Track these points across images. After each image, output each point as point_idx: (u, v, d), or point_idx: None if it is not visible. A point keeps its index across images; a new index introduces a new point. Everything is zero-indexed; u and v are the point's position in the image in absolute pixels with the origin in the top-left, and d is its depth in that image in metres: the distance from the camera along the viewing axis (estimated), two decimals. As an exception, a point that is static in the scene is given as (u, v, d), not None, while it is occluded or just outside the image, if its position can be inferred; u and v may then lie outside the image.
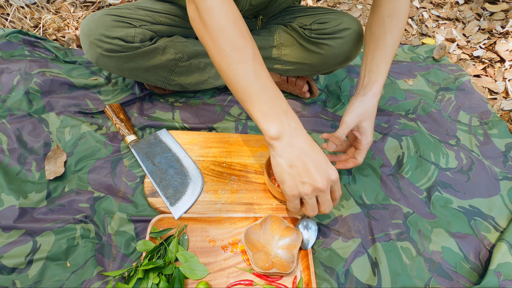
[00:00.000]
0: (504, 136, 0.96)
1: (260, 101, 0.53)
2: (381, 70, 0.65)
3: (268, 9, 0.82)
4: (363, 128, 0.64)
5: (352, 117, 0.63)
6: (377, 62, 0.65)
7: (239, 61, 0.52)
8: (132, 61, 0.79)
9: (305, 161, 0.53)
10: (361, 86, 0.66)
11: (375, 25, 0.68)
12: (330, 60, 0.83)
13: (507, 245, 0.71)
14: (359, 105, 0.63)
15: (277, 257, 0.67)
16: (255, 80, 0.52)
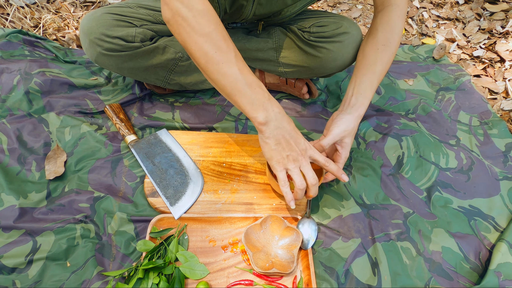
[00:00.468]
0: (504, 136, 0.96)
1: (247, 93, 0.59)
2: (368, 95, 0.69)
3: (271, 19, 0.82)
4: (345, 143, 0.69)
5: (338, 131, 0.67)
6: (365, 86, 0.69)
7: (223, 61, 0.57)
8: (132, 60, 0.79)
9: (287, 139, 0.62)
10: (348, 104, 0.69)
11: (369, 50, 0.72)
12: (328, 64, 0.83)
13: (507, 245, 0.71)
14: (345, 122, 0.68)
15: (277, 257, 0.67)
16: (240, 76, 0.58)
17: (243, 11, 0.76)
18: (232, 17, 0.80)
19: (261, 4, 0.74)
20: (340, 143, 0.69)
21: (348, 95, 0.71)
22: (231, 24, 0.87)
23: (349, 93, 0.71)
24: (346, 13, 1.46)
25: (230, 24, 0.87)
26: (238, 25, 0.87)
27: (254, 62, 0.93)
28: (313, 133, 0.92)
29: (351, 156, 0.88)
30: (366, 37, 0.74)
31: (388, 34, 0.70)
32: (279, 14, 0.80)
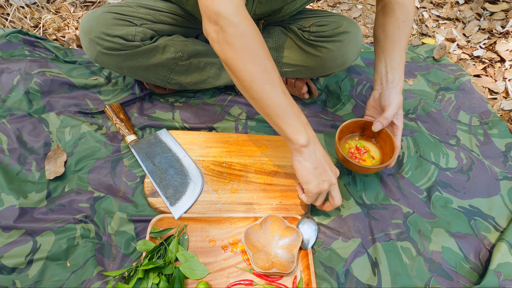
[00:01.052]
0: (504, 136, 0.96)
1: (289, 116, 0.61)
2: (402, 69, 0.74)
3: (272, 17, 0.82)
4: (399, 115, 0.74)
5: (396, 103, 0.72)
6: (397, 62, 0.73)
7: (268, 81, 0.58)
8: (132, 59, 0.79)
9: (323, 164, 0.65)
10: (386, 81, 0.74)
11: (391, 28, 0.74)
12: (328, 63, 0.83)
13: (507, 245, 0.71)
14: (394, 96, 0.72)
15: (277, 257, 0.67)
16: (284, 98, 0.60)
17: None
18: None
19: (261, 2, 0.74)
20: (396, 116, 0.74)
21: (381, 73, 0.74)
22: None
23: (382, 71, 0.74)
24: (346, 13, 1.46)
25: None
26: None
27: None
28: (313, 133, 0.92)
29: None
30: (383, 17, 0.76)
31: (405, 12, 0.74)
32: (279, 12, 0.80)
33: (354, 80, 1.08)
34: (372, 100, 0.77)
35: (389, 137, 0.76)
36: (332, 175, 0.66)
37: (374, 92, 0.77)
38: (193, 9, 0.80)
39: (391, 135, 0.76)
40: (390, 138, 0.76)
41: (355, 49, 0.82)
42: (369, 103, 0.78)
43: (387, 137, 0.77)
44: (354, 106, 1.01)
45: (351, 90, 1.05)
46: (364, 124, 0.80)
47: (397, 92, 0.72)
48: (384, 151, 0.79)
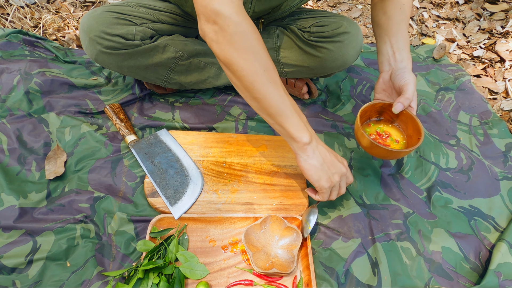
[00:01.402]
0: (504, 136, 0.96)
1: (291, 115, 0.61)
2: (408, 50, 0.71)
3: (271, 15, 0.82)
4: (414, 95, 0.70)
5: (413, 82, 0.68)
6: (403, 43, 0.71)
7: (270, 80, 0.58)
8: (132, 58, 0.79)
9: (329, 157, 0.65)
10: (395, 60, 0.71)
11: (393, 10, 0.73)
12: (328, 64, 0.83)
13: (507, 245, 0.71)
14: (408, 75, 0.69)
15: (277, 257, 0.67)
16: (286, 97, 0.61)
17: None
18: None
19: (260, 0, 0.74)
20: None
21: (387, 54, 0.72)
22: None
23: (388, 52, 0.72)
24: (346, 13, 1.46)
25: None
26: None
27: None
28: (313, 133, 0.92)
29: (351, 156, 0.88)
30: (382, 1, 0.75)
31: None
32: (279, 9, 0.80)
33: (354, 80, 1.08)
34: (381, 83, 0.74)
35: (410, 118, 0.71)
36: (341, 166, 0.66)
37: (382, 74, 0.73)
38: (192, 10, 0.80)
39: (412, 116, 0.71)
40: (411, 118, 0.71)
41: (355, 49, 0.82)
42: (378, 85, 0.74)
43: (408, 119, 0.72)
44: (354, 106, 1.01)
45: (351, 90, 1.05)
46: (382, 107, 0.75)
47: (410, 71, 0.69)
48: (407, 133, 0.74)
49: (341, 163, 0.67)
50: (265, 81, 0.58)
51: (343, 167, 0.67)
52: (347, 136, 0.92)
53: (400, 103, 0.68)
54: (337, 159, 0.67)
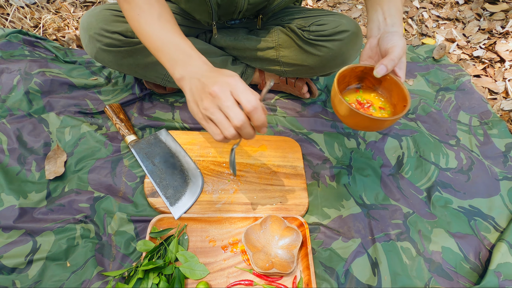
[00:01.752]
0: (504, 136, 0.96)
1: (166, 51, 0.58)
2: (400, 17, 0.64)
3: (268, 8, 0.81)
4: (403, 63, 0.62)
5: (401, 45, 0.59)
6: (394, 10, 0.64)
7: (145, 22, 0.59)
8: (132, 56, 0.79)
9: (199, 85, 0.53)
10: (385, 25, 0.63)
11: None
12: (328, 62, 0.83)
13: (507, 245, 0.71)
14: (397, 39, 0.60)
15: (277, 257, 0.67)
16: (161, 34, 0.58)
17: (237, 3, 0.75)
18: (227, 11, 0.79)
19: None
20: (399, 64, 0.61)
21: (378, 21, 0.65)
22: (229, 21, 0.87)
23: (378, 19, 0.64)
24: (346, 13, 1.46)
25: (229, 21, 0.87)
26: (237, 22, 0.87)
27: (254, 62, 0.93)
28: (313, 133, 0.92)
29: (351, 156, 0.88)
30: None
31: None
32: (274, 0, 0.79)
33: (354, 80, 1.08)
34: (368, 49, 0.63)
35: (395, 84, 0.61)
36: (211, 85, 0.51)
37: (370, 39, 0.64)
38: (187, 7, 0.80)
39: (397, 81, 0.60)
40: (396, 85, 0.60)
41: (355, 47, 0.82)
42: (365, 52, 0.64)
43: (392, 85, 0.61)
44: (354, 106, 1.01)
45: (351, 90, 1.05)
46: (363, 72, 0.64)
47: (400, 36, 0.60)
48: (391, 102, 0.64)
49: (216, 82, 0.51)
50: (141, 23, 0.59)
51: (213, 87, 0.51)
52: (347, 136, 0.92)
53: (383, 65, 0.58)
54: (213, 79, 0.52)
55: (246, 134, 0.54)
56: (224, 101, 0.51)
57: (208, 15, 0.78)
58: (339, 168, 0.84)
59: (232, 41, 0.89)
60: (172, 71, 0.57)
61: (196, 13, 0.79)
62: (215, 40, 0.90)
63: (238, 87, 0.51)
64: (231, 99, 0.51)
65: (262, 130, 0.55)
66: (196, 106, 0.54)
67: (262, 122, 0.53)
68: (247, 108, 0.51)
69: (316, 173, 0.84)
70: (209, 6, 0.74)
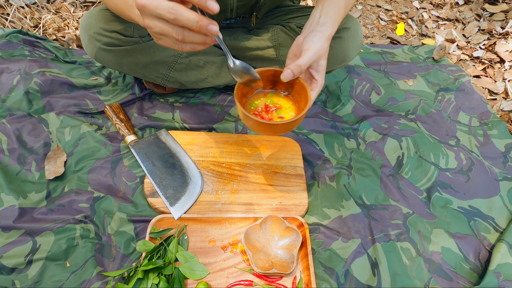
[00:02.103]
0: (504, 136, 0.96)
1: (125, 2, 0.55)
2: (337, 18, 0.62)
3: (260, 5, 0.81)
4: (320, 66, 0.59)
5: (315, 48, 0.56)
6: (334, 9, 0.62)
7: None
8: (131, 55, 0.79)
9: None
10: (317, 23, 0.61)
11: None
12: (329, 60, 0.83)
13: (506, 245, 0.71)
14: (318, 40, 0.57)
15: (277, 257, 0.67)
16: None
17: (227, 1, 0.75)
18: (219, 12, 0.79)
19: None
20: (316, 67, 0.59)
21: (314, 17, 0.63)
22: (224, 21, 0.87)
23: (315, 16, 0.63)
24: (346, 13, 1.46)
25: (224, 21, 0.87)
26: (232, 21, 0.87)
27: (254, 61, 0.93)
28: (313, 133, 0.92)
29: (351, 156, 0.88)
30: None
31: None
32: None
33: (354, 81, 1.08)
34: (294, 46, 0.61)
35: (303, 89, 0.59)
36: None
37: (298, 36, 0.61)
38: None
39: (305, 86, 0.58)
40: (304, 89, 0.59)
41: (355, 44, 0.82)
42: (291, 50, 0.62)
43: (301, 89, 0.60)
44: (354, 107, 1.01)
45: (351, 91, 1.05)
46: (274, 75, 0.62)
47: (323, 37, 0.57)
48: (299, 106, 0.62)
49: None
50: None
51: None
52: (347, 137, 0.92)
53: (290, 70, 0.55)
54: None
55: (187, 20, 0.45)
56: (150, 5, 0.44)
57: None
58: (339, 169, 0.85)
59: (231, 40, 0.89)
60: (131, 17, 0.55)
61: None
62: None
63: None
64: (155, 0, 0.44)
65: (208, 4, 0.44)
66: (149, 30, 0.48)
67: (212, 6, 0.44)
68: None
69: (316, 174, 0.84)
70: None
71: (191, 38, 0.48)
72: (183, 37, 0.47)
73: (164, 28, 0.46)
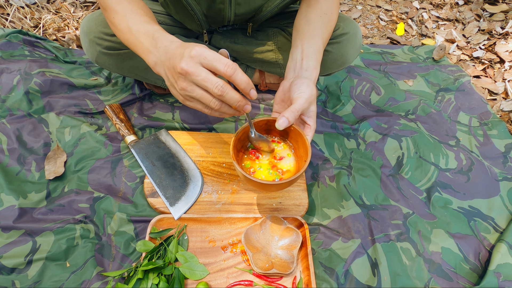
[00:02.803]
0: (503, 137, 0.96)
1: (139, 43, 0.57)
2: (318, 58, 0.64)
3: (256, 18, 0.82)
4: (312, 111, 0.60)
5: (306, 95, 0.57)
6: (314, 50, 0.64)
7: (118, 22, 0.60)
8: (132, 59, 0.79)
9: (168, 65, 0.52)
10: (301, 67, 0.62)
11: (313, 16, 0.68)
12: (328, 64, 0.83)
13: (506, 245, 0.71)
14: (307, 86, 0.58)
15: (277, 257, 0.67)
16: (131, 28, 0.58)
17: (224, 14, 0.76)
18: (215, 21, 0.80)
19: (239, 3, 0.74)
20: (307, 113, 0.60)
21: (295, 59, 0.64)
22: (221, 28, 0.87)
23: (297, 58, 0.64)
24: (346, 13, 1.46)
25: (221, 28, 0.87)
26: (229, 28, 0.88)
27: (254, 63, 0.93)
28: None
29: (351, 156, 0.88)
30: (307, 8, 0.70)
31: (329, 4, 0.69)
32: (261, 11, 0.78)
33: (354, 81, 1.08)
34: (281, 92, 0.62)
35: (300, 136, 0.59)
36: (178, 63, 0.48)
37: (284, 82, 0.63)
38: (179, 18, 0.80)
39: (301, 133, 0.59)
40: (301, 136, 0.59)
41: (354, 48, 0.82)
42: (278, 95, 0.63)
43: (298, 136, 0.60)
44: (354, 107, 1.01)
45: (351, 91, 1.05)
46: (267, 124, 0.63)
47: (310, 84, 0.59)
48: (298, 154, 0.62)
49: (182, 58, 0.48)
50: (114, 23, 0.60)
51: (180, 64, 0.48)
52: (346, 137, 0.92)
53: (285, 117, 0.55)
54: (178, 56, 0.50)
55: (231, 99, 0.50)
56: (197, 76, 0.48)
57: (197, 25, 0.79)
58: (339, 169, 0.85)
59: (231, 43, 0.89)
60: (147, 61, 0.55)
61: (186, 22, 0.81)
62: (215, 41, 0.90)
63: (206, 56, 0.48)
64: (203, 71, 0.48)
65: (251, 93, 0.51)
66: (175, 89, 0.52)
67: (246, 83, 0.50)
68: (227, 74, 0.48)
69: (316, 174, 0.84)
70: (195, 17, 0.75)
71: (225, 110, 0.53)
72: (219, 107, 0.52)
73: (203, 96, 0.50)
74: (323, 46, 0.66)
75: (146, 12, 0.62)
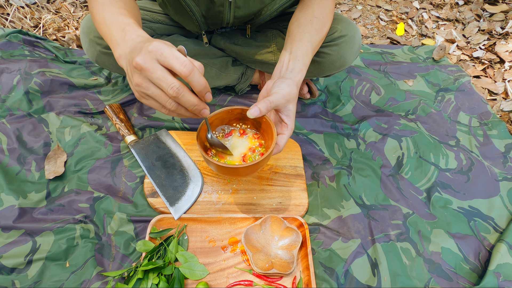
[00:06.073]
0: (503, 137, 0.96)
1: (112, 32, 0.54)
2: (305, 61, 0.64)
3: (255, 21, 0.82)
4: (290, 110, 0.60)
5: (284, 92, 0.58)
6: (302, 53, 0.64)
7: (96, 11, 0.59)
8: None
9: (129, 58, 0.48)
10: (286, 69, 0.63)
11: (304, 20, 0.69)
12: (327, 66, 0.83)
13: (506, 246, 0.71)
14: (287, 85, 0.59)
15: (277, 257, 0.67)
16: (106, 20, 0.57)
17: (223, 17, 0.76)
18: (214, 23, 0.80)
19: (238, 7, 0.74)
20: (285, 111, 0.60)
21: (283, 61, 0.65)
22: (220, 29, 0.87)
23: (284, 60, 0.65)
24: (346, 13, 1.46)
25: (219, 29, 0.87)
26: (228, 29, 0.88)
27: (254, 64, 0.93)
28: (313, 133, 0.92)
29: (351, 156, 0.88)
30: (299, 12, 0.71)
31: (322, 9, 0.70)
32: (260, 14, 0.79)
33: (354, 81, 1.08)
34: (264, 91, 0.62)
35: (270, 128, 0.60)
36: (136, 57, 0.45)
37: (268, 81, 0.63)
38: (178, 19, 0.80)
39: (271, 124, 0.59)
40: (271, 128, 0.59)
41: (353, 50, 0.82)
42: (261, 94, 0.63)
43: (268, 128, 0.61)
44: (354, 107, 1.01)
45: (351, 91, 1.05)
46: (241, 113, 0.63)
47: (291, 84, 0.59)
48: (267, 145, 0.62)
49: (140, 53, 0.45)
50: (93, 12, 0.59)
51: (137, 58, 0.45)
52: (346, 137, 0.92)
53: (257, 107, 0.55)
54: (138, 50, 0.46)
55: (187, 102, 0.47)
56: (152, 73, 0.45)
57: (196, 26, 0.79)
58: (339, 169, 0.85)
59: (231, 43, 0.89)
60: (114, 53, 0.53)
61: (185, 24, 0.81)
62: (215, 41, 0.90)
63: (164, 52, 0.44)
64: (159, 68, 0.45)
65: (206, 96, 0.49)
66: (131, 84, 0.49)
67: (202, 86, 0.47)
68: (182, 74, 0.45)
69: (316, 174, 0.84)
70: (194, 19, 0.75)
71: (181, 112, 0.50)
72: (175, 109, 0.49)
73: (158, 95, 0.47)
74: (313, 50, 0.67)
75: (126, 5, 0.59)
